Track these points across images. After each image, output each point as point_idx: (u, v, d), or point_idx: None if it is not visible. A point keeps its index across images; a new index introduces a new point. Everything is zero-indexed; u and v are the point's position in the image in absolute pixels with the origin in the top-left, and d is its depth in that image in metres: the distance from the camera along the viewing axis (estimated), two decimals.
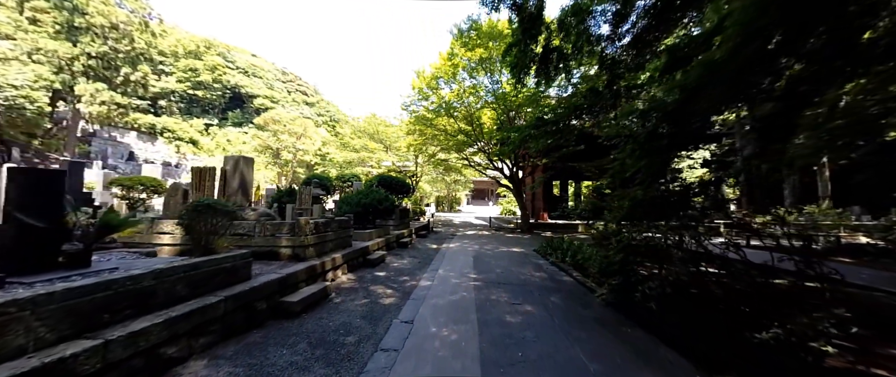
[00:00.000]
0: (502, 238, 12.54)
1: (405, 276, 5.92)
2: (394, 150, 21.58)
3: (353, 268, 6.05)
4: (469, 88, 14.21)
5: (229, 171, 5.33)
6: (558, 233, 15.69)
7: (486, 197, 44.82)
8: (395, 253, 8.33)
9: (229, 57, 56.31)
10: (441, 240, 11.75)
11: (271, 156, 24.90)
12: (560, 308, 4.22)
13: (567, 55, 6.14)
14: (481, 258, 7.89)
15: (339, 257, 5.44)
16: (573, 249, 7.88)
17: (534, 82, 7.00)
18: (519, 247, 10.06)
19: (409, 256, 8.02)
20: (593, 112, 7.54)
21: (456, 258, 7.88)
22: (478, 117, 14.76)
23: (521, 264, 7.28)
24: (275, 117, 25.32)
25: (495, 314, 3.95)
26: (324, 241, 5.36)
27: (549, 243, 9.15)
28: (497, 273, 6.29)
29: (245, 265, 3.52)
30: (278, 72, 64.77)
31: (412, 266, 6.94)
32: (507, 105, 13.42)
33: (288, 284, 3.92)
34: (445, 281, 5.61)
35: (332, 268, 5.17)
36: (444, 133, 15.68)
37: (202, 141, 40.46)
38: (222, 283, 3.20)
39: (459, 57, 13.01)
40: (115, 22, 22.47)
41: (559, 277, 6.17)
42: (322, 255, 5.19)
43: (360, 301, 4.38)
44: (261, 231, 4.79)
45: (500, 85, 13.53)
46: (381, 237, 8.23)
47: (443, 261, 7.42)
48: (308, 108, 61.72)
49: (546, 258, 8.18)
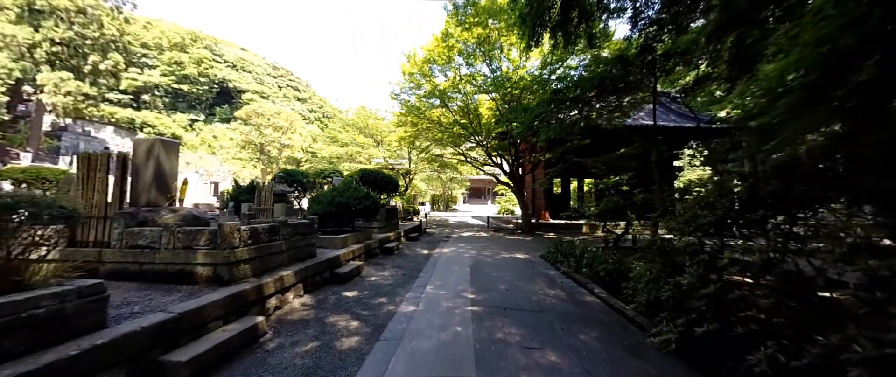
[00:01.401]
0: (502, 240, 11.21)
1: (382, 298, 4.54)
2: (385, 145, 20.12)
3: (314, 288, 4.65)
4: (466, 76, 12.84)
5: (140, 159, 3.89)
6: (561, 234, 14.42)
7: (484, 195, 43.59)
8: (376, 262, 6.94)
9: (217, 50, 54.26)
10: (434, 243, 10.38)
11: (255, 151, 23.17)
12: (600, 356, 2.86)
13: (590, 11, 4.80)
14: (480, 268, 6.53)
15: (291, 275, 4.04)
16: (589, 257, 6.55)
17: (549, 46, 5.64)
18: (522, 251, 8.72)
19: (393, 266, 6.63)
20: (618, 89, 6.21)
21: (450, 268, 6.51)
22: (475, 109, 13.39)
23: (530, 277, 5.93)
24: (258, 110, 23.57)
25: (506, 370, 2.60)
26: (267, 254, 3.95)
27: (557, 248, 7.83)
28: (501, 290, 4.93)
29: (92, 305, 2.11)
30: (269, 66, 62.78)
31: (394, 280, 5.56)
32: (507, 92, 12.07)
33: (183, 329, 2.52)
34: (434, 304, 4.24)
35: (278, 290, 3.77)
36: (437, 125, 14.28)
37: (186, 137, 38.58)
38: (30, 343, 1.80)
39: (455, 38, 11.61)
40: (82, 5, 20.66)
41: (580, 296, 4.83)
42: (263, 274, 3.79)
43: (305, 346, 2.99)
44: (169, 242, 3.37)
45: (501, 72, 12.16)
46: (359, 243, 6.83)
47: (433, 273, 6.05)
48: (300, 104, 59.88)
49: (556, 267, 6.85)
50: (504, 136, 14.70)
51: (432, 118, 14.28)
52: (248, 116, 23.87)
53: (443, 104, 13.47)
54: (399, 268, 6.58)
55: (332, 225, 7.07)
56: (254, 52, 62.90)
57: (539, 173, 17.79)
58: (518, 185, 14.71)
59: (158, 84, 46.63)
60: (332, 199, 6.61)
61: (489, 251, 8.75)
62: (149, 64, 47.67)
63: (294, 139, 27.50)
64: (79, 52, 21.06)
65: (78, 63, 21.37)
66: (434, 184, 31.52)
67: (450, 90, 13.16)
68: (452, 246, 9.71)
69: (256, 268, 3.73)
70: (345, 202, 6.62)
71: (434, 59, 12.38)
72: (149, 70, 47.20)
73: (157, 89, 47.29)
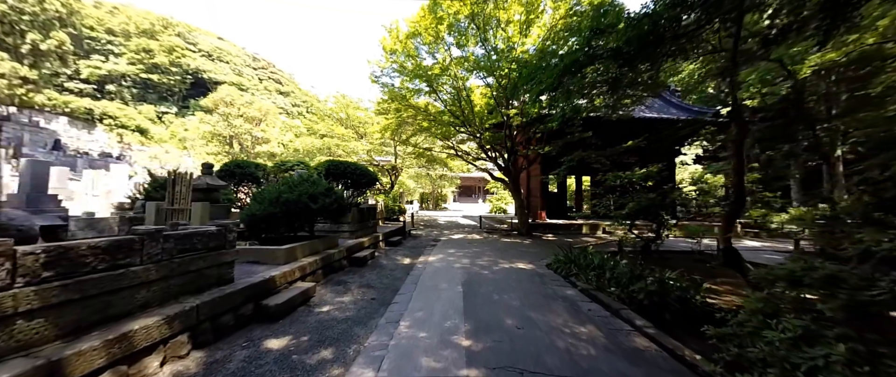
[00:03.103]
0: (498, 244, 9.66)
1: (326, 351, 2.88)
2: (369, 138, 18.30)
3: (216, 336, 2.94)
4: (457, 59, 11.24)
5: None
6: (561, 235, 13.03)
7: (475, 194, 42.20)
8: (339, 279, 5.26)
9: (191, 38, 50.92)
10: (419, 249, 8.75)
11: (223, 144, 20.86)
12: None
13: None
14: (475, 286, 4.94)
15: (158, 323, 2.34)
16: (613, 269, 5.06)
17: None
18: (524, 259, 7.18)
19: (360, 285, 4.97)
20: (675, 39, 4.59)
21: (436, 286, 4.89)
22: (467, 97, 11.78)
23: (543, 301, 4.36)
24: (226, 98, 21.23)
25: None
26: (101, 293, 2.23)
27: (567, 256, 6.34)
28: (508, 329, 3.34)
29: None
30: (248, 57, 59.59)
31: (356, 312, 3.90)
32: (504, 74, 10.53)
33: None
34: (407, 363, 2.62)
35: (113, 362, 2.07)
36: (424, 113, 12.61)
37: (154, 130, 35.62)
38: None
39: (444, 8, 9.95)
40: None
41: (625, 337, 3.29)
42: (87, 331, 2.08)
43: None
44: None
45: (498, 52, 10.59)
46: (315, 254, 5.13)
47: (413, 296, 4.42)
48: (282, 98, 57.07)
49: (570, 281, 5.34)
50: (499, 127, 13.19)
51: (419, 106, 12.61)
52: (216, 105, 21.45)
53: (431, 89, 11.81)
54: (368, 287, 4.91)
55: (283, 230, 5.35)
56: (232, 42, 59.60)
57: (535, 170, 16.39)
58: (514, 181, 13.22)
59: (125, 73, 43.32)
60: (277, 197, 4.89)
61: (485, 259, 7.18)
62: (115, 51, 44.26)
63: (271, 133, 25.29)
64: (14, 29, 18.38)
65: (14, 42, 18.67)
66: (423, 181, 29.80)
67: (439, 75, 11.52)
68: (441, 252, 8.10)
69: (69, 323, 2.02)
70: (295, 200, 4.91)
71: (420, 32, 10.69)
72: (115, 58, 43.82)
73: (124, 79, 43.97)
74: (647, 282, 4.25)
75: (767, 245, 10.41)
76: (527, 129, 12.34)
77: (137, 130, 33.78)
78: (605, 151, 12.38)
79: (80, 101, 30.63)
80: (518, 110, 11.44)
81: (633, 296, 4.29)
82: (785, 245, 10.70)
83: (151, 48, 44.08)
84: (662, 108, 16.74)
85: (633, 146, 11.91)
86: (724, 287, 4.94)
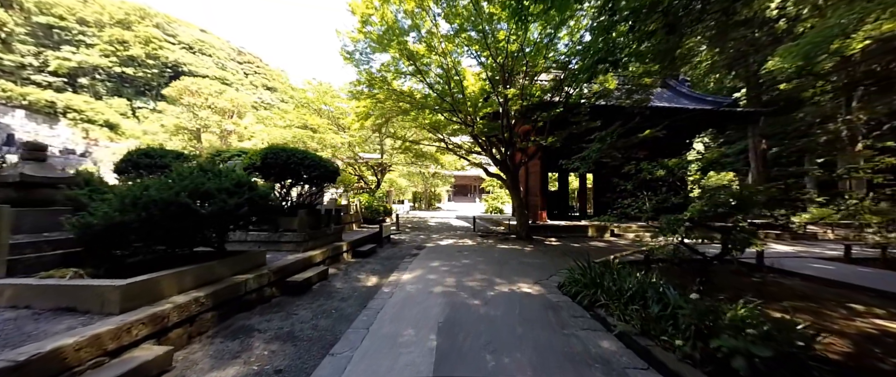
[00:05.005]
0: (494, 253, 7.84)
1: None
2: (351, 131, 16.38)
3: None
4: (447, 38, 9.37)
5: None
6: (565, 239, 11.33)
7: (470, 193, 40.47)
8: (239, 325, 3.40)
9: (170, 30, 48.32)
10: (394, 262, 6.88)
11: (190, 138, 18.65)
12: None
13: None
14: (458, 336, 3.09)
15: None
16: (674, 305, 3.27)
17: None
18: (528, 277, 5.35)
19: (270, 337, 3.10)
20: None
21: (395, 341, 3.04)
22: (459, 82, 9.89)
23: (569, 365, 2.53)
24: (191, 87, 19.03)
25: None
26: None
27: (586, 274, 4.60)
28: None
29: None
30: (233, 50, 57.05)
31: None
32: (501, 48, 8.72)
33: None
34: None
35: None
36: (409, 98, 10.73)
37: (126, 125, 33.19)
38: None
39: None
40: None
41: None
42: None
43: None
44: None
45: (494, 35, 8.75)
46: (201, 286, 3.26)
47: (351, 364, 2.57)
48: (268, 93, 54.65)
49: (602, 320, 3.52)
50: (495, 116, 11.39)
51: (401, 91, 10.73)
52: (180, 95, 19.23)
53: (415, 69, 9.92)
54: (285, 341, 3.04)
55: (164, 244, 3.47)
56: (216, 35, 56.94)
57: (535, 166, 14.67)
58: (512, 178, 11.45)
59: (98, 66, 40.73)
60: (136, 197, 3.01)
61: (477, 277, 5.34)
62: (87, 42, 41.65)
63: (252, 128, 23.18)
64: None
65: None
66: (415, 180, 27.91)
67: (425, 56, 9.66)
68: (420, 266, 6.24)
69: None
70: (166, 200, 3.02)
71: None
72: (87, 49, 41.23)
73: (98, 72, 41.39)
74: (746, 332, 2.51)
75: (801, 250, 8.75)
76: (527, 115, 10.58)
77: (106, 125, 31.36)
78: (617, 143, 10.79)
79: (40, 93, 28.19)
80: (518, 91, 9.64)
81: (716, 359, 2.53)
82: (813, 247, 9.10)
83: (126, 39, 41.51)
84: (672, 99, 15.25)
85: (649, 136, 10.34)
86: (805, 317, 3.26)
